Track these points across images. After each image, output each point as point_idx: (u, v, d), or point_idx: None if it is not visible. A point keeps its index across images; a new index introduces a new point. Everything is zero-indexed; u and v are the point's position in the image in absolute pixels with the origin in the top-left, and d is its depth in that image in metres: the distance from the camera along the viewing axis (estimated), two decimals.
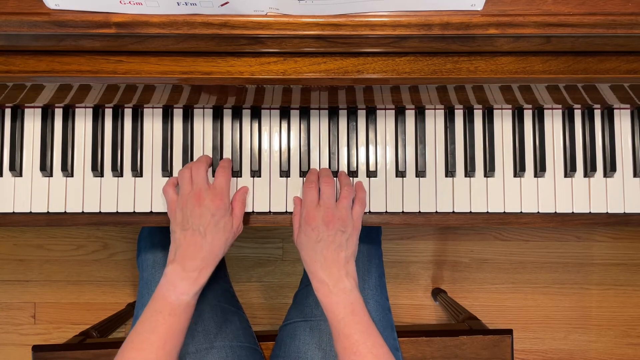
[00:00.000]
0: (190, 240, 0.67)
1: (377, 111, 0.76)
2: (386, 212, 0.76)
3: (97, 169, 0.74)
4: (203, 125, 0.76)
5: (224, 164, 0.73)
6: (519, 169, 0.75)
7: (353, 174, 0.76)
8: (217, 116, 0.75)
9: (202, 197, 0.68)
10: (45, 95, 0.70)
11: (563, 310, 1.49)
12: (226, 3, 0.54)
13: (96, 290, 1.47)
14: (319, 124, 0.76)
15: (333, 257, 0.67)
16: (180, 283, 0.66)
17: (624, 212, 0.75)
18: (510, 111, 0.77)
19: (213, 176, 0.74)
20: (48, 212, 0.74)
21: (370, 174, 0.76)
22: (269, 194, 0.75)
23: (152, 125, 0.76)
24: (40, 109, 0.75)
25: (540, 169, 0.75)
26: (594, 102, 0.75)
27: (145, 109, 0.76)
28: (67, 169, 0.74)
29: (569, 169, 0.76)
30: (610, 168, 0.75)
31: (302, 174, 0.76)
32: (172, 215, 0.70)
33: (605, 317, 1.49)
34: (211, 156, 0.75)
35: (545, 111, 0.76)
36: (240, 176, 0.76)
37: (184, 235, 0.67)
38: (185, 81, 0.63)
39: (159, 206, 0.75)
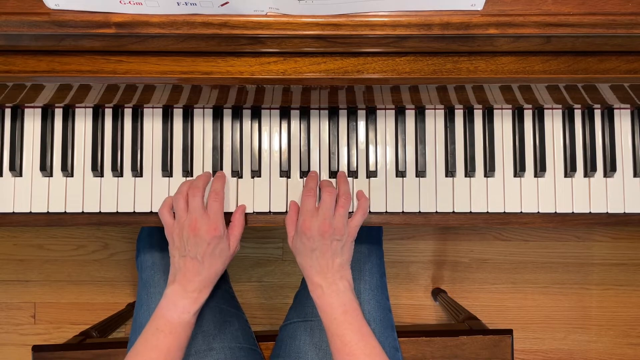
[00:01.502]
0: (189, 266, 0.69)
1: (377, 111, 0.76)
2: (386, 212, 0.76)
3: (97, 169, 0.74)
4: (203, 125, 0.76)
5: (216, 186, 0.72)
6: (519, 169, 0.75)
7: (353, 174, 0.76)
8: (217, 116, 0.75)
9: (197, 227, 0.68)
10: (45, 95, 0.70)
11: (563, 310, 1.49)
12: (226, 3, 0.54)
13: (96, 290, 1.47)
14: (319, 124, 0.76)
15: (328, 263, 0.69)
16: (181, 302, 0.68)
17: (624, 212, 0.75)
18: (510, 111, 0.77)
19: (214, 176, 0.74)
20: (48, 212, 0.74)
21: (370, 174, 0.76)
22: (269, 194, 0.75)
23: (152, 125, 0.76)
24: (40, 109, 0.75)
25: (540, 169, 0.75)
26: (594, 102, 0.75)
27: (145, 109, 0.76)
28: (67, 169, 0.74)
29: (569, 169, 0.76)
30: (610, 168, 0.75)
31: (302, 174, 0.76)
32: (169, 239, 0.71)
33: (605, 317, 1.49)
34: (211, 156, 0.75)
35: (545, 111, 0.76)
36: (241, 176, 0.76)
37: (183, 261, 0.69)
38: (185, 81, 0.63)
39: (159, 206, 0.75)
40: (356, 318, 0.67)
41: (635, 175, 0.76)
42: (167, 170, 0.75)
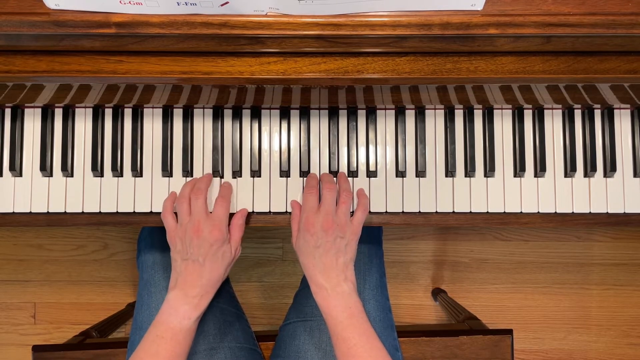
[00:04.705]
0: (191, 270, 0.68)
1: (377, 111, 0.76)
2: (386, 212, 0.76)
3: (97, 169, 0.74)
4: (203, 125, 0.76)
5: (224, 192, 0.72)
6: (519, 169, 0.75)
7: (353, 174, 0.76)
8: (217, 116, 0.75)
9: (200, 228, 0.68)
10: (45, 95, 0.70)
11: (563, 310, 1.49)
12: (226, 3, 0.54)
13: (96, 290, 1.47)
14: (319, 124, 0.76)
15: (331, 262, 0.68)
16: (182, 308, 0.67)
17: (624, 212, 0.75)
18: (510, 111, 0.77)
19: (216, 176, 0.74)
20: (48, 212, 0.74)
21: (370, 174, 0.76)
22: (269, 194, 0.75)
23: (152, 125, 0.76)
24: (40, 109, 0.75)
25: (540, 169, 0.75)
26: (594, 102, 0.75)
27: (145, 109, 0.76)
28: (67, 169, 0.74)
29: (569, 169, 0.76)
30: (610, 168, 0.75)
31: (302, 174, 0.76)
32: (171, 243, 0.71)
33: (605, 317, 1.49)
34: (211, 156, 0.75)
35: (545, 111, 0.76)
36: (241, 176, 0.76)
37: (185, 265, 0.69)
38: (185, 81, 0.63)
39: (159, 206, 0.75)
40: (361, 321, 0.66)
41: (635, 175, 0.76)
42: (167, 170, 0.75)
